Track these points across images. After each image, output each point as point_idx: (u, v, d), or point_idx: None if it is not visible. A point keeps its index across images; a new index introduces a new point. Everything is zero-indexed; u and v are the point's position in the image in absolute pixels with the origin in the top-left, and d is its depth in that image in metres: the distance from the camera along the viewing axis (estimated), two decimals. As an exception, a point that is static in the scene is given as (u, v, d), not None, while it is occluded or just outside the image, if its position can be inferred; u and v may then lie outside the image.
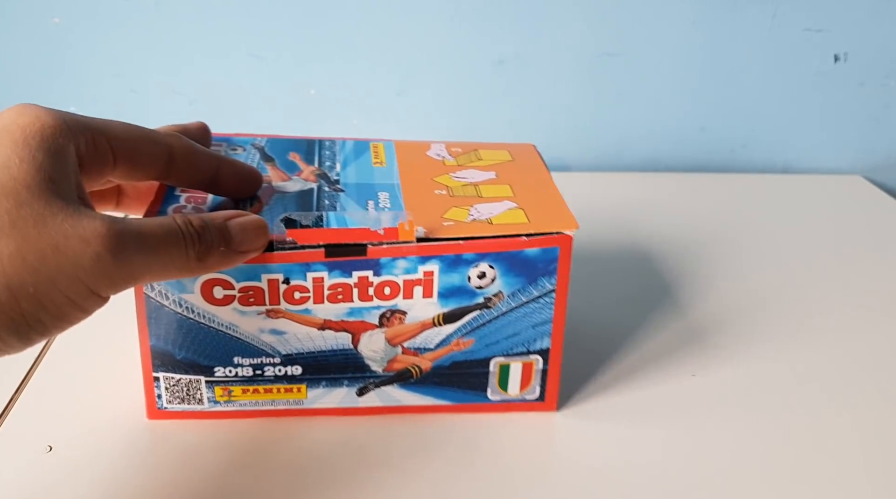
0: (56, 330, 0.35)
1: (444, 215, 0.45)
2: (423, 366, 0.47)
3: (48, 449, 0.46)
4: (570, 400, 0.51)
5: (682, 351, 0.56)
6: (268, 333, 0.45)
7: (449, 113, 0.86)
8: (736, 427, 0.50)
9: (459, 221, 0.45)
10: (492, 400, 0.49)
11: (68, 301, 0.34)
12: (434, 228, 0.44)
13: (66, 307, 0.34)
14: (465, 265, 0.44)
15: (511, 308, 0.46)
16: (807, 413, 0.51)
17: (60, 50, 0.81)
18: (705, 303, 0.62)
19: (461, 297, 0.45)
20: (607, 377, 0.54)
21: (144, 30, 0.81)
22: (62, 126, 0.36)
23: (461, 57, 0.84)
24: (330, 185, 0.48)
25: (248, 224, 0.41)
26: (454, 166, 0.51)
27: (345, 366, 0.47)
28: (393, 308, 0.45)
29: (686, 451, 0.48)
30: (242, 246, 0.40)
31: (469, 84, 0.85)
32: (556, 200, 0.47)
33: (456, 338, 0.46)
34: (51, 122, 0.36)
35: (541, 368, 0.48)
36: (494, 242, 0.44)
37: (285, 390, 0.47)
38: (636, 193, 0.82)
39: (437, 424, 0.49)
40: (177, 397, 0.47)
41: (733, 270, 0.68)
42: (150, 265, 0.36)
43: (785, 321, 0.60)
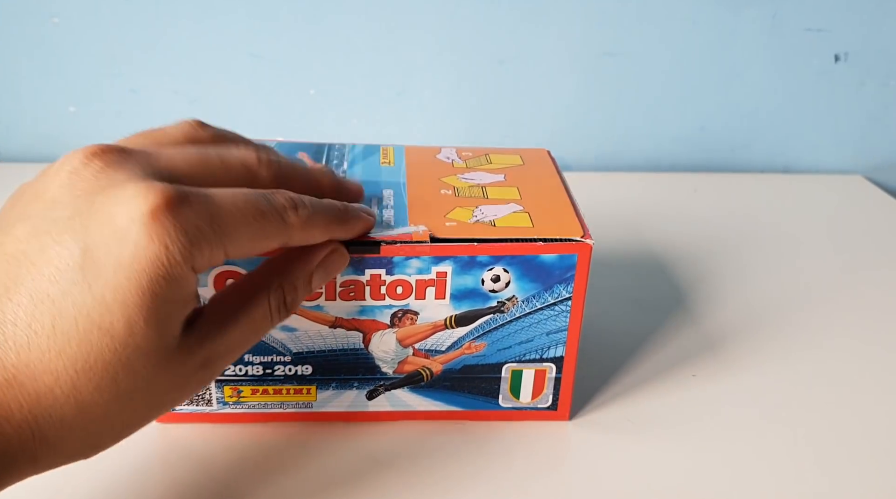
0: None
1: (448, 215, 0.45)
2: (434, 369, 0.47)
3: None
4: (582, 409, 0.51)
5: (693, 359, 0.56)
6: (279, 330, 0.45)
7: (449, 113, 0.86)
8: (751, 437, 0.50)
9: (463, 221, 0.45)
10: (503, 407, 0.49)
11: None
12: (436, 227, 0.44)
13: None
14: (479, 267, 0.44)
15: (525, 314, 0.46)
16: (821, 419, 0.51)
17: (60, 50, 0.81)
18: (714, 308, 0.62)
19: (474, 299, 0.45)
20: (620, 386, 0.53)
21: (144, 30, 0.80)
22: (189, 258, 0.32)
23: (461, 57, 0.84)
24: None
25: (333, 264, 0.41)
26: (462, 168, 0.51)
27: (355, 366, 0.47)
28: (405, 308, 0.45)
29: (701, 462, 0.47)
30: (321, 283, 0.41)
31: (469, 84, 0.85)
32: (565, 206, 0.47)
33: (468, 341, 0.46)
34: (178, 255, 0.32)
35: (554, 377, 0.48)
36: (510, 245, 0.44)
37: (295, 390, 0.47)
38: (636, 193, 0.82)
39: (448, 431, 0.49)
40: None
41: (736, 271, 0.68)
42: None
43: (790, 327, 0.60)
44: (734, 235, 0.74)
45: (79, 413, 0.31)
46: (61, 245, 0.32)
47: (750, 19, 0.83)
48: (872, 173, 0.90)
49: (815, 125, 0.88)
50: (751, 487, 0.46)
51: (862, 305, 0.64)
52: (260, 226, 0.35)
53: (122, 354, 0.31)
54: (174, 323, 0.33)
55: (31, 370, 0.31)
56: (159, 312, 0.32)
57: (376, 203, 0.46)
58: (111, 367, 0.31)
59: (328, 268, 0.41)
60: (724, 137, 0.89)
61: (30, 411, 0.31)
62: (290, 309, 0.39)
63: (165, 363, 0.33)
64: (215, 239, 0.33)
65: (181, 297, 0.33)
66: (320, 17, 0.81)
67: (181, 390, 0.35)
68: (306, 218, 0.38)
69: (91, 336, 0.31)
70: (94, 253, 0.31)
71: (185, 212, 0.32)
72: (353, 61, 0.83)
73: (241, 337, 0.37)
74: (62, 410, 0.31)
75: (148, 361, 0.32)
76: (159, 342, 0.32)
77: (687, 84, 0.86)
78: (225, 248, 0.34)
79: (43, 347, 0.31)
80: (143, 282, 0.31)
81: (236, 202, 0.35)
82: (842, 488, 0.46)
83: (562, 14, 0.82)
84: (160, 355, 0.33)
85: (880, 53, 0.85)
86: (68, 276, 0.31)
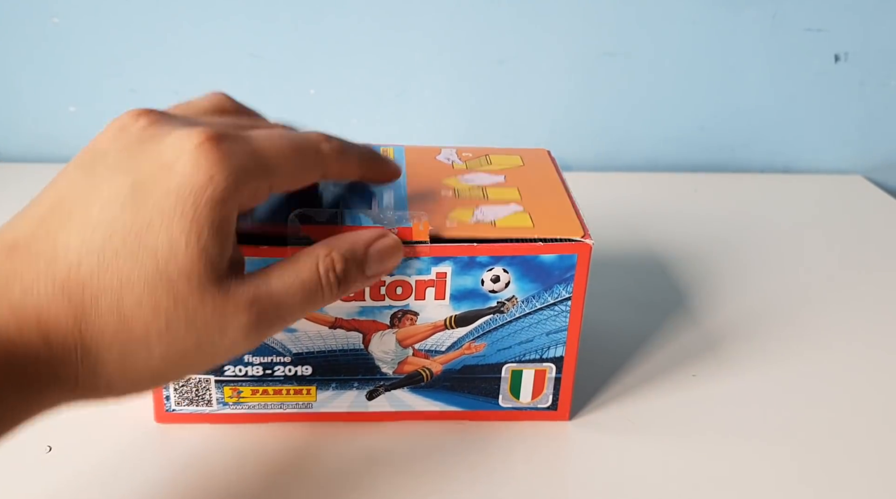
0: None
1: (449, 215, 0.45)
2: (434, 369, 0.47)
3: (48, 449, 0.46)
4: (582, 409, 0.51)
5: (693, 359, 0.56)
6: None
7: (449, 113, 0.86)
8: (751, 437, 0.50)
9: (463, 221, 0.45)
10: (503, 407, 0.49)
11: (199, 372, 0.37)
12: (437, 227, 0.44)
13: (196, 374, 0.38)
14: (478, 268, 0.44)
15: (525, 314, 0.46)
16: (821, 419, 0.51)
17: (60, 50, 0.81)
18: (714, 308, 0.62)
19: (474, 300, 0.45)
20: (620, 387, 0.53)
21: (144, 30, 0.80)
22: (233, 189, 0.35)
23: (461, 57, 0.84)
24: (334, 182, 0.48)
25: (386, 250, 0.42)
26: (462, 169, 0.51)
27: (355, 367, 0.47)
28: (405, 309, 0.45)
29: (701, 462, 0.47)
30: (376, 272, 0.41)
31: (469, 84, 0.85)
32: (565, 206, 0.47)
33: (468, 341, 0.46)
34: (222, 185, 0.34)
35: (554, 377, 0.48)
36: (510, 245, 0.44)
37: (295, 391, 0.47)
38: (636, 193, 0.82)
39: (448, 431, 0.49)
40: (185, 398, 0.47)
41: (736, 271, 0.68)
42: (284, 327, 0.38)
43: (790, 327, 0.60)
44: (734, 235, 0.74)
45: (120, 327, 0.33)
46: (112, 180, 0.34)
47: (750, 19, 0.83)
48: (872, 173, 0.90)
49: (815, 125, 0.88)
50: (751, 486, 0.46)
51: (862, 305, 0.64)
52: (298, 157, 0.38)
53: (163, 272, 0.33)
54: (216, 252, 0.34)
55: (79, 284, 0.33)
56: (202, 237, 0.34)
57: (376, 203, 0.46)
58: (153, 283, 0.33)
59: (381, 254, 0.41)
60: (724, 137, 0.89)
61: (76, 323, 0.32)
62: (342, 281, 0.39)
63: (206, 291, 0.34)
64: (257, 171, 0.36)
65: (225, 228, 0.35)
66: (320, 17, 0.81)
67: (223, 333, 0.35)
68: (339, 148, 0.41)
69: (136, 254, 0.33)
70: (143, 184, 0.34)
71: (228, 146, 0.35)
72: (352, 61, 0.83)
73: (288, 291, 0.37)
74: (105, 321, 0.33)
75: (189, 284, 0.34)
76: (201, 267, 0.34)
77: (687, 84, 0.86)
78: (268, 180, 0.37)
79: (92, 264, 0.33)
80: (188, 206, 0.33)
81: (272, 137, 0.38)
82: (842, 489, 0.46)
83: (562, 14, 0.82)
84: (201, 281, 0.34)
85: (880, 53, 0.85)
86: (118, 203, 0.34)
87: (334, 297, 0.39)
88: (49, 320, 0.32)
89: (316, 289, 0.38)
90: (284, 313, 0.37)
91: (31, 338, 0.32)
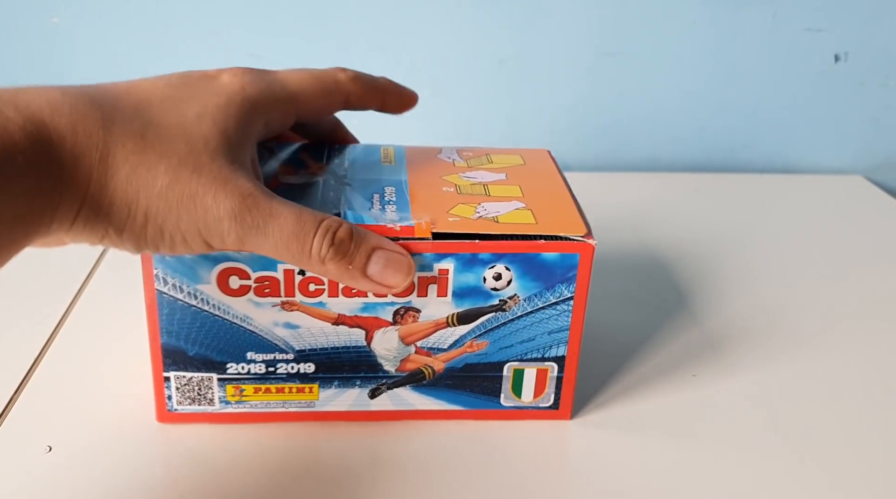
0: (166, 252, 0.40)
1: (451, 211, 0.45)
2: (436, 367, 0.47)
3: (47, 449, 0.46)
4: (583, 409, 0.51)
5: (694, 359, 0.56)
6: (282, 327, 0.45)
7: (449, 113, 0.86)
8: (752, 437, 0.50)
9: (465, 217, 0.45)
10: (505, 406, 0.49)
11: (183, 240, 0.38)
12: (439, 222, 0.44)
13: (180, 244, 0.39)
14: (480, 265, 0.44)
15: (527, 312, 0.46)
16: (821, 418, 0.51)
17: (60, 50, 0.81)
18: (714, 308, 0.62)
19: (476, 297, 0.45)
20: (621, 386, 0.53)
21: (144, 30, 0.80)
22: (260, 102, 0.42)
23: (461, 57, 0.84)
24: (336, 179, 0.48)
25: (394, 261, 0.42)
26: (464, 167, 0.51)
27: (357, 364, 0.47)
28: (407, 305, 0.45)
29: (702, 462, 0.47)
30: (376, 277, 0.42)
31: (469, 84, 0.85)
32: (567, 204, 0.47)
33: (469, 339, 0.46)
34: (251, 95, 0.41)
35: (555, 376, 0.48)
36: (512, 243, 0.44)
37: (297, 389, 0.47)
38: (636, 193, 0.82)
39: (450, 430, 0.49)
40: (188, 397, 0.47)
41: (736, 271, 0.68)
42: (262, 246, 0.40)
43: (790, 326, 0.60)
44: (734, 235, 0.74)
45: (138, 147, 0.37)
46: (167, 77, 0.41)
47: (750, 19, 0.83)
48: (872, 173, 0.90)
49: (815, 125, 0.88)
50: (751, 486, 0.46)
51: (862, 305, 0.64)
52: (317, 83, 0.46)
53: (187, 130, 0.38)
54: (235, 141, 0.40)
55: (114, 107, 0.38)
56: (227, 123, 0.40)
57: (378, 199, 0.46)
58: (177, 132, 0.38)
59: (389, 261, 0.42)
60: (724, 137, 0.89)
61: (102, 128, 0.36)
62: (336, 248, 0.40)
63: (217, 158, 0.38)
64: (282, 94, 0.44)
65: (248, 128, 0.41)
66: (320, 17, 0.81)
67: (216, 201, 0.38)
68: (355, 75, 0.48)
69: (169, 111, 0.39)
70: (189, 82, 0.41)
71: (259, 73, 0.43)
72: (352, 61, 0.83)
73: (284, 218, 0.39)
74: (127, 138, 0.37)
75: (206, 146, 0.38)
76: (219, 140, 0.39)
77: (687, 84, 0.86)
78: (293, 103, 0.45)
79: (130, 102, 0.38)
80: (222, 100, 0.40)
81: (295, 71, 0.46)
82: (843, 488, 0.46)
83: (562, 14, 0.82)
84: (217, 149, 0.39)
85: (880, 53, 0.85)
86: (165, 83, 0.40)
87: (320, 262, 0.40)
88: (80, 119, 0.36)
89: (306, 238, 0.40)
90: (273, 227, 0.39)
91: (61, 123, 0.35)
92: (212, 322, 0.45)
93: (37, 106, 0.35)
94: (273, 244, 0.39)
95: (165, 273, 0.43)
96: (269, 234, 0.39)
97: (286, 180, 0.47)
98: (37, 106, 0.35)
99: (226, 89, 0.41)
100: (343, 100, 0.48)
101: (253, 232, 0.39)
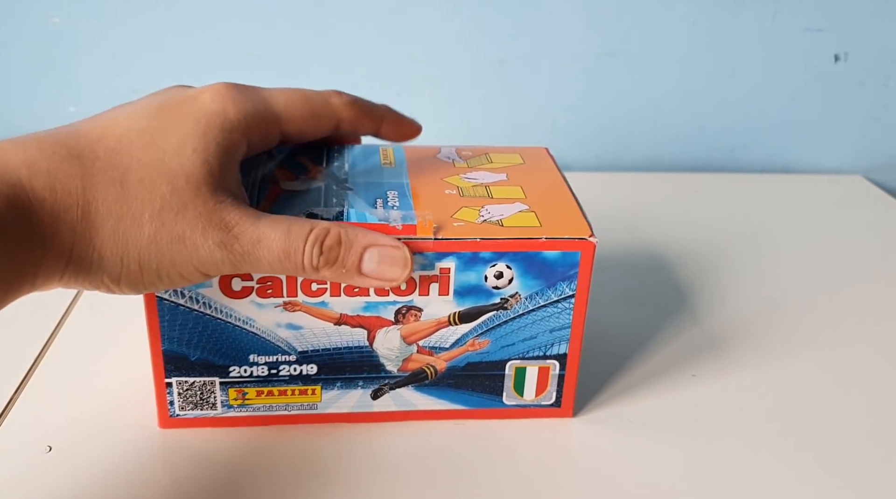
0: (167, 289, 0.41)
1: (455, 215, 0.45)
2: (438, 366, 0.47)
3: (47, 449, 0.46)
4: (585, 406, 0.51)
5: (694, 358, 0.56)
6: (284, 329, 0.45)
7: (449, 113, 0.86)
8: (752, 436, 0.50)
9: (470, 221, 0.45)
10: (507, 405, 0.49)
11: (181, 277, 0.39)
12: (444, 227, 0.44)
13: (178, 281, 0.39)
14: (482, 264, 0.44)
15: (528, 311, 0.46)
16: (821, 418, 0.51)
17: (60, 50, 0.81)
18: (714, 307, 0.62)
19: (477, 296, 0.45)
20: (622, 384, 0.53)
21: (144, 30, 0.80)
22: (242, 122, 0.41)
23: (461, 57, 0.84)
24: (338, 184, 0.48)
25: (389, 256, 0.42)
26: (464, 168, 0.51)
27: (360, 365, 0.47)
28: (409, 304, 0.45)
29: (702, 459, 0.48)
30: (373, 274, 0.42)
31: (469, 84, 0.85)
32: (570, 205, 0.47)
33: (471, 338, 0.46)
34: (233, 116, 0.40)
35: (557, 374, 0.48)
36: (514, 242, 0.44)
37: (300, 391, 0.47)
38: (636, 193, 0.82)
39: (452, 429, 0.49)
40: (190, 402, 0.47)
41: (736, 271, 0.68)
42: (257, 268, 0.40)
43: (790, 326, 0.60)
44: (734, 234, 0.74)
45: (120, 197, 0.37)
46: (145, 100, 0.41)
47: (750, 19, 0.83)
48: (872, 173, 0.90)
49: (815, 125, 0.88)
50: (752, 484, 0.46)
51: (862, 305, 0.64)
52: (306, 104, 0.44)
53: (167, 165, 0.38)
54: (217, 168, 0.39)
55: (93, 155, 0.37)
56: (208, 150, 0.39)
57: (382, 204, 0.46)
58: (156, 170, 0.37)
59: (383, 257, 0.42)
60: (724, 137, 0.89)
61: (81, 183, 0.36)
62: (326, 256, 0.40)
63: (201, 192, 0.38)
64: (267, 113, 0.42)
65: (230, 151, 0.40)
66: (320, 17, 0.81)
67: (204, 236, 0.38)
68: (351, 100, 0.46)
69: (149, 147, 0.38)
70: (169, 105, 0.40)
71: (243, 91, 0.42)
72: (352, 61, 0.83)
73: (271, 234, 0.39)
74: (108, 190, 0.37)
75: (188, 181, 0.38)
76: (201, 172, 0.38)
77: (687, 84, 0.86)
78: (278, 124, 0.43)
79: (110, 144, 0.38)
80: (201, 124, 0.39)
81: (284, 90, 0.44)
82: (843, 488, 0.46)
83: (562, 14, 0.82)
84: (199, 183, 0.38)
85: (880, 53, 0.85)
86: (144, 113, 0.39)
87: (314, 271, 0.41)
88: (58, 176, 0.36)
89: (296, 254, 0.40)
90: (259, 256, 0.39)
91: (39, 183, 0.35)
92: (214, 326, 0.45)
93: (14, 166, 0.35)
94: (267, 264, 0.40)
95: None
96: (261, 257, 0.39)
97: (287, 187, 0.47)
98: (14, 166, 0.35)
99: (206, 112, 0.40)
100: (334, 124, 0.46)
101: (245, 259, 0.39)
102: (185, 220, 0.37)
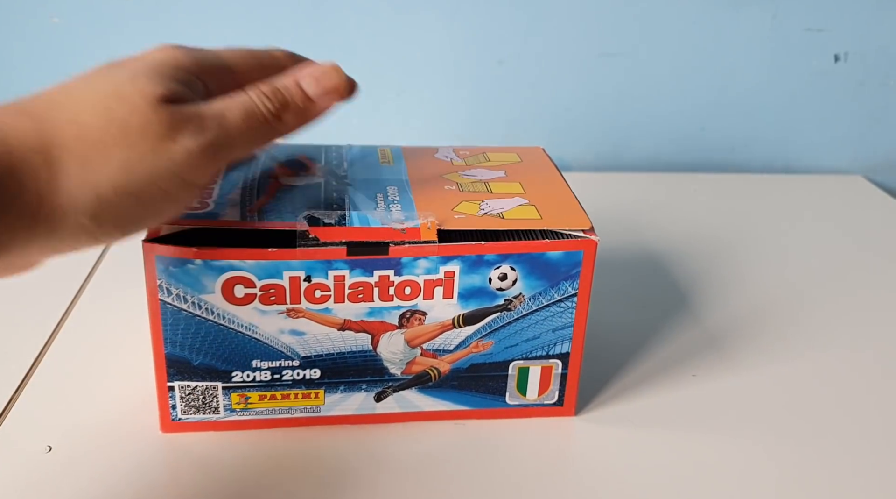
0: (152, 223, 0.40)
1: (455, 208, 0.45)
2: (442, 368, 0.47)
3: (47, 449, 0.46)
4: (588, 405, 0.51)
5: (694, 357, 0.56)
6: (287, 334, 0.45)
7: (449, 113, 0.86)
8: (752, 435, 0.50)
9: (471, 214, 0.45)
10: (510, 405, 0.49)
11: (164, 195, 0.37)
12: (445, 220, 0.44)
13: (162, 202, 0.38)
14: (486, 266, 0.44)
15: (531, 311, 0.46)
16: (821, 417, 0.51)
17: (60, 50, 0.81)
18: (714, 307, 0.63)
19: (482, 298, 0.45)
20: (624, 383, 0.54)
21: (144, 30, 0.80)
22: (194, 65, 0.40)
23: (461, 57, 0.84)
24: (337, 179, 0.48)
25: (317, 73, 0.42)
26: (462, 166, 0.51)
27: (363, 369, 0.46)
28: (413, 309, 0.45)
29: (704, 456, 0.48)
30: (319, 93, 0.42)
31: (469, 84, 0.85)
32: (569, 199, 0.47)
33: (475, 340, 0.46)
34: (184, 60, 0.40)
35: (560, 373, 0.48)
36: (517, 243, 0.44)
37: (303, 395, 0.47)
38: (636, 193, 0.82)
39: (455, 430, 0.49)
40: (192, 406, 0.47)
41: (736, 271, 0.68)
42: (233, 144, 0.39)
43: (790, 326, 0.61)
44: (734, 234, 0.74)
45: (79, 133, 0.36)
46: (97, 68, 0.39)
47: (750, 19, 0.83)
48: (872, 173, 0.91)
49: (815, 125, 0.89)
50: (752, 483, 0.46)
51: (861, 305, 0.64)
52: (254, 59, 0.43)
53: (120, 90, 0.37)
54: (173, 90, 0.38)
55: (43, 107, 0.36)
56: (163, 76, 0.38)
57: (382, 198, 0.46)
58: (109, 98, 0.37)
59: (313, 76, 0.42)
60: (724, 137, 0.89)
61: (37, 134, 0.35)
62: (274, 100, 0.40)
63: (159, 105, 0.37)
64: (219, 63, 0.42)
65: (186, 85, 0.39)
66: (320, 16, 0.81)
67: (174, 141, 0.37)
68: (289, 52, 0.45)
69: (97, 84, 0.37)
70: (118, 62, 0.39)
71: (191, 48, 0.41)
72: (352, 61, 0.83)
73: (227, 103, 0.39)
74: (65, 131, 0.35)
75: (144, 98, 0.36)
76: (154, 90, 0.37)
77: (687, 84, 0.86)
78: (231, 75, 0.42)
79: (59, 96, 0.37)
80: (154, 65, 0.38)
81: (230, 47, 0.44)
82: (842, 486, 0.46)
83: (562, 14, 0.82)
84: (155, 97, 0.37)
85: (880, 53, 0.85)
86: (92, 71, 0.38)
87: (276, 118, 0.40)
88: (10, 134, 0.35)
89: (253, 107, 0.40)
90: (227, 125, 0.39)
91: None
92: (216, 331, 0.44)
93: None
94: (238, 134, 0.39)
95: (169, 284, 0.43)
96: (230, 128, 0.39)
97: (287, 182, 0.47)
98: None
99: (155, 57, 0.39)
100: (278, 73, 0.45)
101: (218, 140, 0.38)
102: (150, 136, 0.37)
